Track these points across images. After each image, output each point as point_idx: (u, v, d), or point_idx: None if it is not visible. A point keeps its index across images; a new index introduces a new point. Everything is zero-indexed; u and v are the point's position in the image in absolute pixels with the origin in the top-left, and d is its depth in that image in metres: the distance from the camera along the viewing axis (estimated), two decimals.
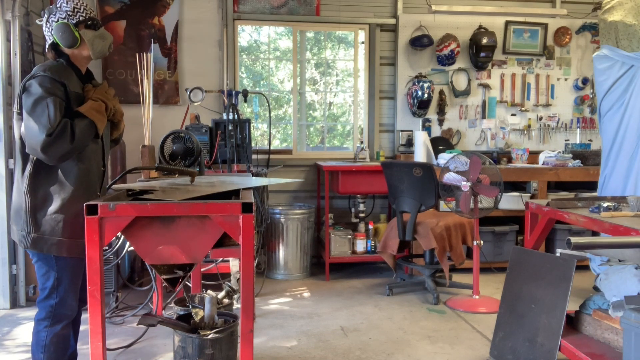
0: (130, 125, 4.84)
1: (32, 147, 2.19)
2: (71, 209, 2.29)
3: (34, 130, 2.17)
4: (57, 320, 2.36)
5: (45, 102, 2.19)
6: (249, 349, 2.12)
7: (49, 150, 2.17)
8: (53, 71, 2.26)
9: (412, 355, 3.24)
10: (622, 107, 3.68)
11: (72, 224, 2.30)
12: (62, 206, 2.28)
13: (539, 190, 4.91)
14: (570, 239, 1.83)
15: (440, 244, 4.12)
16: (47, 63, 2.33)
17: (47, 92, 2.21)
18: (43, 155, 2.19)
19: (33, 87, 2.22)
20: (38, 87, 2.21)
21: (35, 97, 2.20)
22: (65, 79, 2.28)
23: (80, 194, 2.32)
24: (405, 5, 5.48)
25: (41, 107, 2.19)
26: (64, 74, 2.29)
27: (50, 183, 2.29)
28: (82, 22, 2.35)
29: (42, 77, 2.23)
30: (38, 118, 2.17)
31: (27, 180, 2.27)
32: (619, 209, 2.71)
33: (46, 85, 2.22)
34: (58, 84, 2.25)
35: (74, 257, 2.33)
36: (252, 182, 2.75)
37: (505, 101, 5.62)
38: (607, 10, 3.84)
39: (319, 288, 4.65)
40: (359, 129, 5.69)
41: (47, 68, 2.27)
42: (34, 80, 2.23)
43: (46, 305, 2.35)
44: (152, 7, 5.13)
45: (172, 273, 2.34)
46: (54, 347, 2.36)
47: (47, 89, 2.21)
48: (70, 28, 2.31)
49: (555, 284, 2.78)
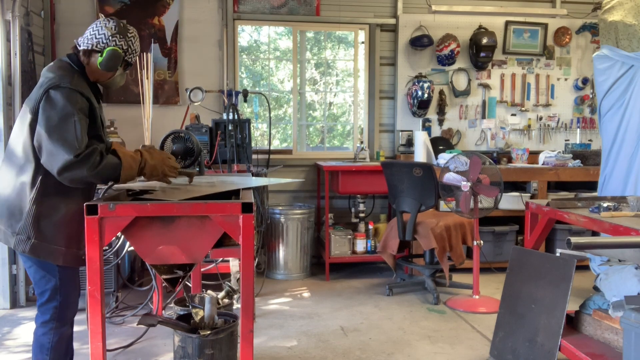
0: (131, 125, 4.88)
1: (51, 162, 2.12)
2: (74, 221, 2.27)
3: (58, 148, 2.09)
4: (62, 322, 2.34)
5: (72, 120, 2.11)
6: (249, 349, 2.12)
7: (68, 171, 2.10)
8: (77, 84, 2.20)
9: (412, 355, 3.24)
10: (622, 107, 3.68)
11: (72, 235, 2.28)
12: (65, 217, 2.25)
13: (539, 190, 4.91)
14: (570, 239, 1.83)
15: (440, 244, 4.12)
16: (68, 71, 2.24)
17: (75, 109, 2.14)
18: (57, 174, 2.12)
19: (59, 100, 2.13)
20: (65, 100, 2.13)
21: (61, 112, 2.12)
22: (87, 94, 2.23)
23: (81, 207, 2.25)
24: (405, 5, 5.48)
25: (68, 124, 2.11)
26: (84, 87, 2.24)
27: (59, 196, 2.24)
28: (127, 62, 2.38)
29: (69, 91, 2.15)
30: (63, 135, 2.09)
31: (37, 189, 2.21)
32: (619, 209, 2.71)
33: (74, 101, 2.15)
34: (85, 99, 2.20)
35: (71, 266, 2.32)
36: (252, 182, 2.75)
37: (505, 101, 5.62)
38: (607, 10, 3.84)
39: (319, 288, 4.65)
40: (359, 129, 5.69)
41: (71, 79, 2.19)
42: (60, 92, 2.14)
43: (49, 307, 2.32)
44: (152, 7, 5.13)
45: (172, 273, 2.34)
46: (58, 349, 2.35)
47: (74, 104, 2.14)
48: (120, 61, 2.31)
49: (555, 284, 2.78)
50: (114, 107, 5.08)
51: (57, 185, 2.21)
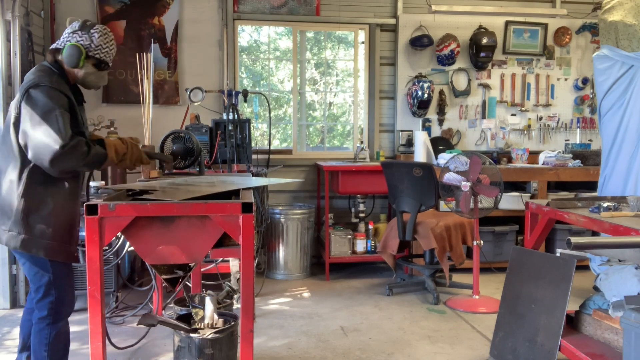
0: (130, 125, 4.87)
1: (40, 156, 2.20)
2: (62, 215, 2.35)
3: (44, 141, 2.18)
4: (58, 317, 2.40)
5: (54, 114, 2.21)
6: (249, 349, 2.12)
7: (58, 162, 2.19)
8: (56, 83, 2.30)
9: (412, 355, 3.24)
10: (622, 107, 3.67)
11: (62, 230, 2.35)
12: (54, 211, 2.32)
13: (539, 190, 4.91)
14: (570, 239, 1.83)
15: (440, 244, 4.12)
16: (47, 72, 2.36)
17: (56, 104, 2.23)
18: (48, 166, 2.21)
19: (39, 97, 2.24)
20: (45, 97, 2.23)
21: (43, 109, 2.22)
22: (67, 92, 2.33)
23: (71, 202, 2.39)
24: (405, 5, 5.48)
25: (51, 118, 2.20)
26: (64, 87, 2.35)
27: (45, 188, 2.32)
28: (95, 58, 2.43)
29: (49, 88, 2.26)
30: (48, 129, 2.19)
31: (23, 183, 2.29)
32: (619, 209, 2.71)
33: (53, 97, 2.25)
34: (64, 96, 2.29)
35: (62, 261, 2.37)
36: (252, 182, 2.75)
37: (505, 101, 5.62)
38: (607, 10, 3.84)
39: (319, 288, 4.65)
40: (359, 129, 5.69)
41: (50, 79, 2.30)
42: (40, 90, 2.24)
43: (45, 303, 2.37)
44: (152, 7, 5.12)
45: (172, 273, 2.35)
46: (56, 345, 2.40)
47: (55, 100, 2.24)
48: (81, 55, 2.37)
49: (555, 284, 2.78)
50: (114, 107, 5.08)
51: (43, 180, 2.31)
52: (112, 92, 5.13)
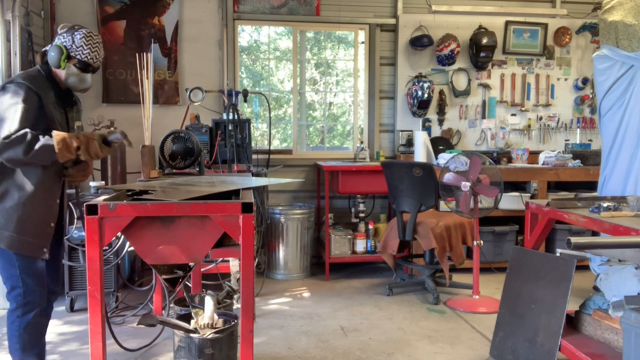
0: (130, 125, 4.87)
1: None
2: (27, 209, 2.37)
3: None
4: (28, 309, 2.41)
5: (15, 108, 2.29)
6: (249, 349, 2.12)
7: (1, 152, 2.26)
8: (31, 81, 2.37)
9: (412, 355, 3.24)
10: (622, 107, 3.68)
11: (27, 223, 2.36)
12: (18, 204, 2.35)
13: (539, 190, 4.91)
14: (570, 239, 1.83)
15: (440, 244, 4.12)
16: (30, 71, 2.46)
17: (20, 99, 2.31)
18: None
19: (9, 91, 2.33)
20: (13, 92, 2.32)
21: (8, 101, 2.30)
22: (42, 92, 2.38)
23: (40, 196, 2.39)
24: (405, 5, 5.48)
25: (10, 111, 2.29)
26: (42, 87, 2.40)
27: (10, 180, 2.36)
28: (76, 59, 2.47)
29: (20, 84, 2.34)
30: (3, 120, 2.28)
31: None
32: (619, 209, 2.71)
33: (21, 93, 2.32)
34: (34, 94, 2.35)
35: (26, 255, 2.38)
36: (252, 182, 2.75)
37: (505, 101, 5.62)
38: (607, 10, 3.84)
39: (319, 288, 4.65)
40: (359, 129, 5.69)
41: (27, 77, 2.39)
42: (12, 85, 2.34)
43: (14, 295, 2.40)
44: (152, 7, 5.12)
45: (172, 273, 2.35)
46: (27, 337, 2.41)
47: (21, 95, 2.32)
48: (62, 55, 2.44)
49: (555, 284, 2.78)
50: (114, 107, 5.08)
51: (9, 172, 2.36)
52: (112, 92, 5.13)
